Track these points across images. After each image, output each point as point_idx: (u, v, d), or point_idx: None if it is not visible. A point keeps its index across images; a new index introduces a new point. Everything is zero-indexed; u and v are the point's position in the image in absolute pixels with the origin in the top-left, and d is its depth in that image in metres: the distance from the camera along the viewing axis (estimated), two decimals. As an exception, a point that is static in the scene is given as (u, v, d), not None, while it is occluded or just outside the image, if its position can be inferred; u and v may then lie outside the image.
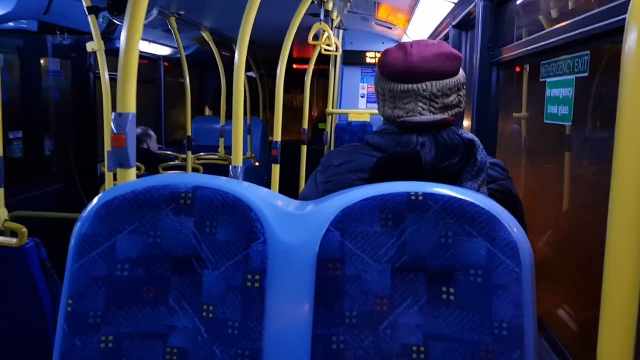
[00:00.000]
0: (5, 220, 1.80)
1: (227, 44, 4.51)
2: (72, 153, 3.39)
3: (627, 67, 0.56)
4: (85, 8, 2.30)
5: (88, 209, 0.85)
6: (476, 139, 1.05)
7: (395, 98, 1.07)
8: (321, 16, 3.07)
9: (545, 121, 1.37)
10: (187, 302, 0.83)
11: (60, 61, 3.30)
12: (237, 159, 1.84)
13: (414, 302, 0.80)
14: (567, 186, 1.46)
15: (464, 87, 1.09)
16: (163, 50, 4.89)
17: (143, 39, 4.14)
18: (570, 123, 1.27)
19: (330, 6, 3.10)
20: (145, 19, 1.12)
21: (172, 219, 0.83)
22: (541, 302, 0.81)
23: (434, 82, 1.04)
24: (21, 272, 1.68)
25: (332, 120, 4.98)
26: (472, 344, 0.77)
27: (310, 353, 0.80)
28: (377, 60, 1.15)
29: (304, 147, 3.59)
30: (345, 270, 0.81)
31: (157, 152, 4.27)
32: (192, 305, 0.83)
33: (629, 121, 0.56)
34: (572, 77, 1.21)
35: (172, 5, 3.21)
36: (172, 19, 3.37)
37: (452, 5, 2.75)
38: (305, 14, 2.49)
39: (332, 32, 3.37)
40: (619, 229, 0.59)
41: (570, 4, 1.44)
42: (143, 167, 3.54)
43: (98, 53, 2.33)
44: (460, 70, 1.08)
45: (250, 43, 1.76)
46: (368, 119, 5.05)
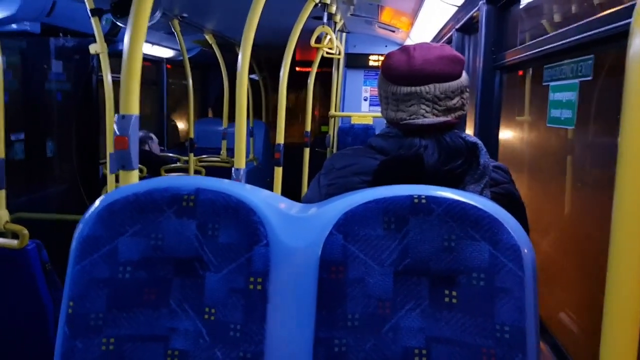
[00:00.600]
0: (7, 222, 1.80)
1: (230, 46, 4.52)
2: (74, 155, 3.40)
3: (631, 72, 0.55)
4: (88, 10, 2.30)
5: (90, 211, 0.85)
6: (479, 142, 1.04)
7: (398, 101, 1.07)
8: (324, 19, 3.07)
9: (547, 125, 1.37)
10: (189, 304, 0.83)
11: (63, 63, 3.31)
12: (240, 161, 1.84)
13: (417, 305, 0.80)
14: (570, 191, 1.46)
15: (467, 90, 1.09)
16: (166, 53, 4.90)
17: (146, 42, 4.16)
18: (573, 127, 1.27)
19: (333, 9, 3.11)
20: (149, 21, 1.12)
21: (175, 221, 0.83)
22: (543, 305, 0.81)
23: (437, 85, 1.04)
24: (22, 274, 1.68)
25: (334, 123, 4.98)
26: (474, 348, 0.77)
27: (312, 356, 0.79)
28: (380, 63, 1.15)
29: (307, 150, 3.59)
30: (347, 273, 0.80)
31: (159, 154, 4.28)
32: (194, 307, 0.83)
33: (632, 125, 0.56)
34: (576, 81, 1.21)
35: (176, 8, 3.22)
36: (176, 22, 3.38)
37: (456, 8, 2.75)
38: (308, 17, 2.50)
39: (335, 35, 3.37)
40: (622, 232, 0.58)
41: (574, 8, 1.44)
42: (145, 169, 3.54)
43: (101, 55, 2.34)
44: (464, 73, 1.08)
45: (253, 46, 1.76)
46: (371, 122, 5.06)
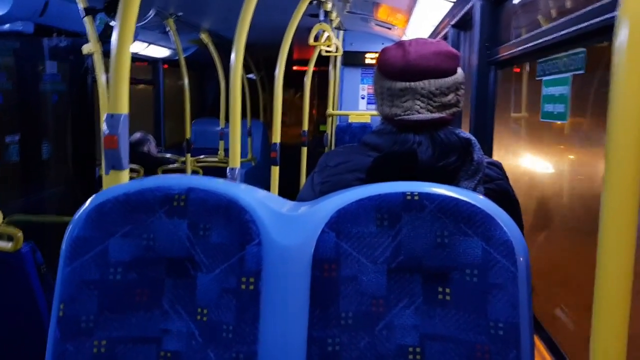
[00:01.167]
0: (1, 224, 1.79)
1: (227, 45, 4.51)
2: (70, 156, 3.39)
3: (618, 64, 0.55)
4: (81, 10, 2.29)
5: (80, 212, 0.84)
6: (473, 138, 1.04)
7: (393, 96, 1.06)
8: (320, 17, 3.07)
9: (541, 120, 1.37)
10: (181, 305, 0.82)
11: (57, 64, 3.29)
12: (235, 161, 1.84)
13: (410, 302, 0.79)
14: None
15: (462, 86, 1.08)
16: (162, 52, 4.88)
17: (142, 41, 4.14)
18: (566, 121, 1.26)
19: (329, 7, 3.10)
20: (142, 21, 1.11)
21: (166, 221, 0.83)
22: (537, 301, 0.81)
23: (432, 81, 1.04)
24: (17, 277, 1.67)
25: (332, 121, 4.97)
26: (468, 344, 0.76)
27: (305, 355, 0.79)
28: (377, 61, 1.14)
29: (305, 149, 3.59)
30: (340, 271, 0.80)
31: (156, 155, 4.27)
32: (186, 308, 0.82)
33: (620, 117, 0.56)
34: (569, 75, 1.21)
35: (170, 7, 3.20)
36: (170, 21, 3.36)
37: (451, 5, 2.74)
38: (304, 14, 2.49)
39: (331, 33, 3.36)
40: (610, 226, 0.58)
41: (566, 1, 1.44)
42: (142, 170, 3.54)
43: (95, 55, 2.32)
44: (459, 69, 1.08)
45: (249, 45, 1.75)
46: (369, 121, 5.05)
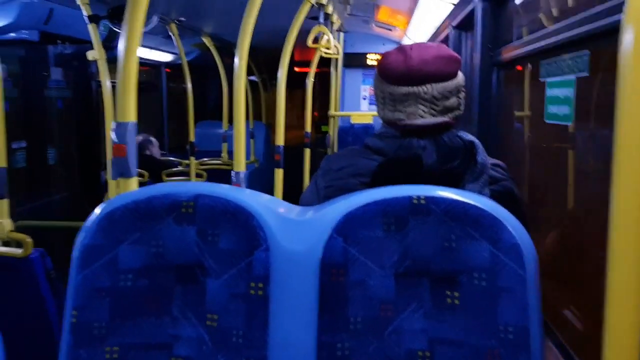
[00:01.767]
0: (10, 230, 1.80)
1: (228, 48, 4.52)
2: (75, 162, 3.41)
3: (624, 67, 0.55)
4: (85, 17, 2.31)
5: (90, 220, 0.85)
6: (476, 140, 1.04)
7: (395, 101, 1.07)
8: (321, 19, 3.07)
9: (545, 121, 1.37)
10: (191, 311, 0.83)
11: (62, 70, 3.32)
12: (240, 164, 1.84)
13: (419, 306, 0.80)
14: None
15: (464, 89, 1.09)
16: (165, 57, 4.90)
17: (145, 46, 4.16)
18: (571, 123, 1.26)
19: (330, 9, 3.11)
20: (146, 26, 1.12)
21: (175, 228, 0.83)
22: (547, 304, 0.81)
23: (434, 85, 1.04)
24: (27, 283, 1.68)
25: (334, 123, 4.98)
26: (478, 348, 0.77)
27: None
28: (378, 61, 1.14)
29: (307, 151, 3.59)
30: (349, 276, 0.80)
31: (160, 158, 4.28)
32: (196, 314, 0.83)
33: (627, 120, 0.56)
34: (573, 77, 1.21)
35: (173, 12, 3.22)
36: (173, 26, 3.37)
37: (452, 6, 2.74)
38: (305, 17, 2.49)
39: (332, 35, 3.37)
40: (621, 228, 0.58)
41: (568, 1, 1.44)
42: (147, 174, 3.55)
43: (99, 62, 2.34)
44: (459, 72, 1.08)
45: (251, 48, 1.76)
46: (370, 121, 5.05)
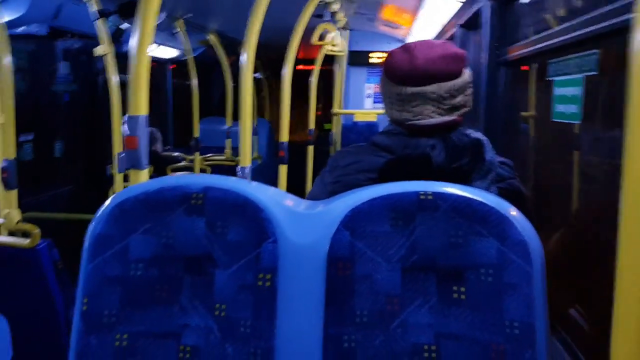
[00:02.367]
0: (19, 221, 1.82)
1: (233, 46, 4.54)
2: (81, 155, 3.43)
3: (634, 67, 0.56)
4: (94, 12, 2.32)
5: (101, 210, 0.86)
6: (484, 138, 1.05)
7: (402, 101, 1.06)
8: (326, 17, 3.08)
9: (553, 120, 1.38)
10: (200, 301, 0.84)
11: (70, 65, 3.34)
12: (246, 159, 1.85)
13: (425, 301, 0.80)
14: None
15: (470, 86, 1.09)
16: (170, 53, 4.91)
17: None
18: (579, 122, 1.27)
19: (335, 7, 3.11)
20: (155, 23, 1.13)
21: (184, 219, 0.85)
22: (552, 301, 0.81)
23: (441, 84, 1.04)
24: (34, 273, 1.70)
25: (337, 120, 4.98)
26: (483, 344, 0.77)
27: (322, 352, 0.80)
28: (382, 60, 1.14)
29: (311, 148, 3.60)
30: (355, 269, 0.81)
31: (163, 153, 4.30)
32: (205, 304, 0.84)
33: (638, 120, 0.56)
34: (581, 76, 1.21)
35: (180, 9, 3.23)
36: (180, 22, 3.39)
37: (458, 5, 2.75)
38: (311, 15, 2.50)
39: (337, 32, 3.37)
40: (630, 227, 0.59)
41: (576, 1, 1.44)
42: (151, 168, 3.56)
43: (107, 57, 2.36)
44: (466, 70, 1.08)
45: (257, 45, 1.77)
46: (374, 119, 5.05)
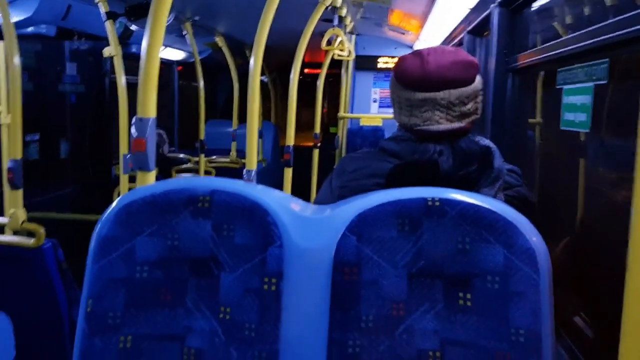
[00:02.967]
0: (24, 221, 1.83)
1: (240, 48, 4.55)
2: (87, 156, 3.44)
3: None
4: (103, 14, 2.34)
5: (108, 212, 0.86)
6: (492, 145, 1.04)
7: (412, 106, 1.06)
8: (335, 22, 3.08)
9: (561, 128, 1.37)
10: (205, 304, 0.84)
11: (77, 66, 3.36)
12: (252, 163, 1.86)
13: (431, 307, 0.80)
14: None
15: (481, 94, 1.09)
16: (177, 55, 4.94)
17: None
18: (588, 130, 1.27)
19: (343, 12, 3.12)
20: (163, 25, 1.14)
21: (191, 222, 0.84)
22: (558, 308, 0.81)
23: (451, 91, 1.03)
24: (38, 273, 1.70)
25: (343, 124, 4.99)
26: (489, 351, 0.77)
27: (326, 357, 0.80)
28: (390, 65, 1.14)
29: (316, 152, 3.60)
30: (361, 275, 0.81)
31: (168, 155, 4.32)
32: (210, 307, 0.84)
33: None
34: (591, 84, 1.21)
35: (188, 11, 3.25)
36: (188, 25, 3.41)
37: (467, 11, 2.75)
38: (318, 19, 2.51)
39: (345, 37, 3.38)
40: None
41: (586, 10, 1.44)
42: (158, 169, 3.58)
43: (115, 58, 2.37)
44: (477, 77, 1.08)
45: (264, 48, 1.78)
46: (380, 124, 5.05)
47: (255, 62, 1.76)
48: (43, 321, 1.73)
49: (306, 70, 6.75)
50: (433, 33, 4.01)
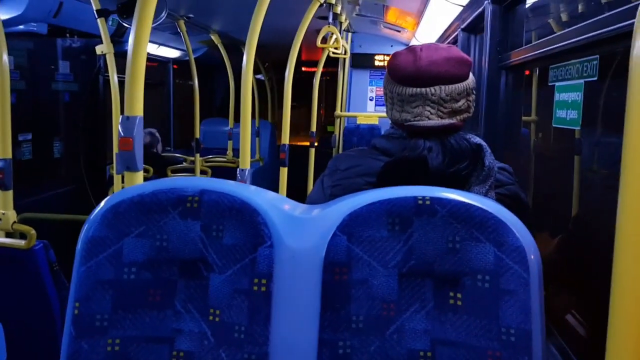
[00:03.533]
0: (14, 222, 1.81)
1: (236, 46, 4.54)
2: (81, 155, 3.42)
3: (635, 72, 0.55)
4: (94, 11, 2.32)
5: (95, 212, 0.85)
6: (484, 143, 1.04)
7: (403, 102, 1.06)
8: (330, 19, 3.07)
9: (553, 125, 1.37)
10: (194, 305, 0.83)
11: (70, 64, 3.33)
12: (245, 162, 1.85)
13: (421, 307, 0.80)
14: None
15: (474, 92, 1.08)
16: (172, 53, 4.92)
17: (152, 42, 4.18)
18: (579, 127, 1.26)
19: (338, 9, 3.11)
20: (154, 22, 1.12)
21: (179, 222, 0.84)
22: (549, 307, 0.80)
23: (442, 87, 1.03)
24: (30, 274, 1.68)
25: (340, 123, 4.98)
26: (479, 350, 0.76)
27: (316, 358, 0.79)
28: (386, 63, 1.14)
29: (313, 150, 3.59)
30: (352, 274, 0.80)
31: (163, 154, 4.30)
32: (199, 309, 0.83)
33: (637, 125, 0.56)
34: (581, 81, 1.21)
35: (181, 8, 3.23)
36: (182, 22, 3.39)
37: (461, 8, 2.74)
38: (313, 17, 2.50)
39: (340, 35, 3.37)
40: (627, 233, 0.58)
41: (579, 7, 1.44)
42: (152, 169, 3.56)
43: (107, 56, 2.36)
44: (470, 75, 1.07)
45: (258, 46, 1.77)
46: (376, 122, 5.05)
47: (248, 60, 1.75)
48: (34, 323, 1.72)
49: (303, 68, 6.74)
50: (429, 31, 4.00)
